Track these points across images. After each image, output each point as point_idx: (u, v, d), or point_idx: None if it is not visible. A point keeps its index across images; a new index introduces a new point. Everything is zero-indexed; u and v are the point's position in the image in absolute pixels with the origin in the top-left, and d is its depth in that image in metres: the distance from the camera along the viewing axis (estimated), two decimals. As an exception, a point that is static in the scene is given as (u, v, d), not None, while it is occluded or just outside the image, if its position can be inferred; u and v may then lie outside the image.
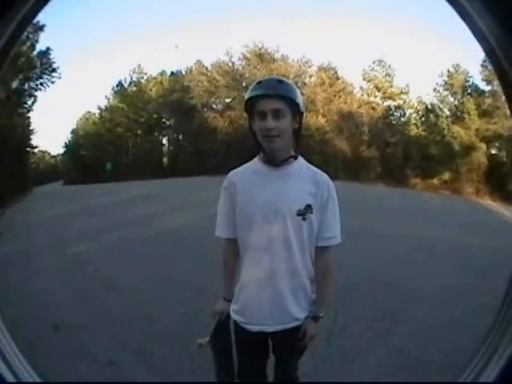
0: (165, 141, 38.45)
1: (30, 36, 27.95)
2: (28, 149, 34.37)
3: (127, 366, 4.00)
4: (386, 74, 28.35)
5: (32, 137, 34.00)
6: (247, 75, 33.08)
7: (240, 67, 34.33)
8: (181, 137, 37.44)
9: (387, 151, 26.96)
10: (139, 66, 37.58)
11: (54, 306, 5.60)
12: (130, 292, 6.15)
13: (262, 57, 33.03)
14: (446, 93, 26.60)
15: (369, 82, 28.87)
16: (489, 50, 1.03)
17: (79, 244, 9.49)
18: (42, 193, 30.55)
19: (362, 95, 30.40)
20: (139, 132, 36.95)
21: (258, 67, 32.86)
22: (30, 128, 33.18)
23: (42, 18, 28.39)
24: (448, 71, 26.29)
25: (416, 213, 14.40)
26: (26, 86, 30.59)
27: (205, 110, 34.37)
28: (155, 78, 37.46)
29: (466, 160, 23.64)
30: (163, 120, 37.21)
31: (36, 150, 38.75)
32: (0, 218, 16.45)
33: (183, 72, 37.39)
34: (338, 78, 31.68)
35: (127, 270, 6.93)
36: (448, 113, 26.67)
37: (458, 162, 23.64)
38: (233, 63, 34.15)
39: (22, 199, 25.14)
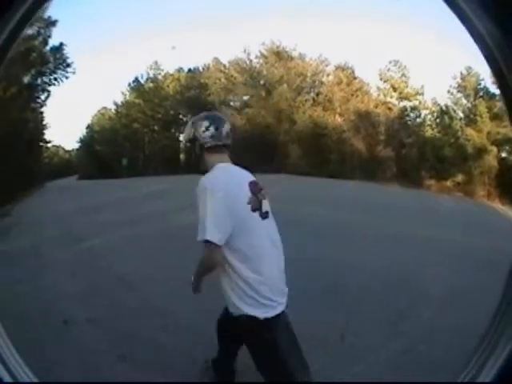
0: (181, 137, 37.40)
1: (42, 31, 28.11)
2: (41, 143, 34.65)
3: (138, 361, 4.11)
4: (402, 75, 28.62)
5: (45, 132, 34.35)
6: (265, 73, 33.78)
7: (258, 65, 34.27)
8: None
9: (403, 152, 27.15)
10: (156, 62, 37.95)
11: (65, 301, 5.73)
12: (142, 287, 6.31)
13: (279, 55, 33.26)
14: (459, 95, 26.68)
15: (385, 82, 29.02)
16: (487, 52, 1.08)
17: (92, 239, 9.62)
18: (55, 187, 31.03)
19: (379, 95, 30.12)
20: (156, 128, 37.39)
21: (275, 65, 33.05)
22: (43, 123, 33.27)
23: (57, 12, 28.44)
24: (461, 73, 26.33)
25: (430, 214, 14.28)
26: (39, 81, 30.64)
27: (222, 107, 34.09)
28: (172, 75, 37.82)
29: (478, 163, 23.81)
30: (180, 116, 37.41)
31: (49, 145, 39.05)
32: (11, 212, 16.63)
33: (200, 69, 37.51)
34: (355, 78, 31.87)
35: (140, 265, 7.07)
36: (461, 115, 26.78)
37: (471, 164, 23.86)
38: (250, 61, 34.39)
39: (34, 194, 25.44)
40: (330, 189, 20.32)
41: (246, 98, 34.76)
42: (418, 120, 29.01)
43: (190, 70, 38.19)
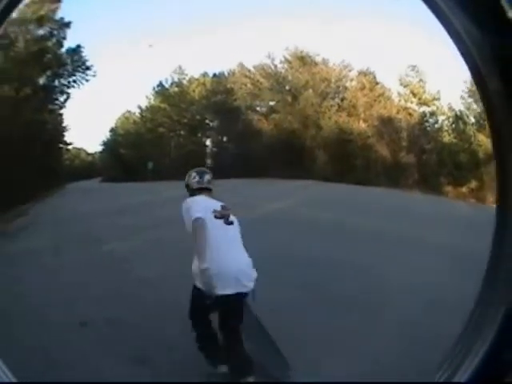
0: (208, 142, 39.23)
1: (55, 32, 28.64)
2: (61, 145, 35.51)
3: (158, 363, 4.39)
4: (420, 80, 29.28)
5: (66, 134, 34.85)
6: (290, 78, 34.63)
7: (282, 70, 35.14)
8: (224, 138, 38.56)
9: (423, 158, 27.80)
10: (180, 66, 38.54)
11: (82, 302, 6.08)
12: (164, 290, 6.69)
13: (303, 60, 34.03)
14: (470, 100, 27.13)
15: (405, 87, 29.65)
16: (464, 50, 1.15)
17: (112, 241, 9.98)
18: (76, 189, 32.22)
19: (400, 100, 30.49)
20: (182, 133, 38.17)
21: (300, 70, 33.71)
22: (63, 125, 33.78)
23: (77, 14, 29.35)
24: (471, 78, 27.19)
25: (453, 222, 14.32)
26: (57, 83, 31.01)
27: (249, 112, 35.73)
28: (197, 79, 38.54)
29: (489, 169, 23.55)
30: (206, 121, 38.32)
31: (70, 147, 39.35)
32: (28, 211, 17.50)
33: (225, 74, 38.06)
34: (376, 83, 32.04)
35: (162, 269, 7.45)
36: (473, 120, 27.24)
37: (483, 170, 24.24)
38: (275, 66, 35.24)
39: (54, 194, 26.63)
40: (355, 195, 21.06)
41: (272, 103, 35.42)
42: (436, 126, 29.50)
43: (215, 74, 38.74)
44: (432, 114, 29.22)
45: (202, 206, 4.40)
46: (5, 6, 1.21)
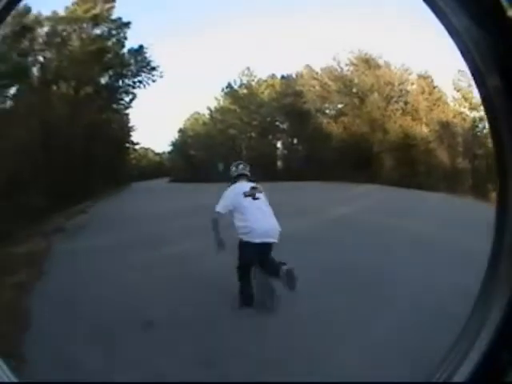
0: (279, 144, 40.58)
1: (113, 32, 30.28)
2: (127, 145, 38.16)
3: (225, 367, 4.49)
4: (469, 85, 29.10)
5: (132, 133, 37.54)
6: (356, 81, 35.64)
7: (348, 73, 36.07)
8: (295, 141, 39.95)
9: (475, 163, 28.84)
10: (248, 68, 40.12)
11: (145, 303, 6.28)
12: (233, 295, 6.81)
13: (368, 62, 35.00)
14: None
15: (457, 91, 30.45)
16: (463, 48, 1.21)
17: (181, 243, 10.34)
18: (142, 188, 34.48)
19: (455, 105, 31.31)
20: (253, 135, 39.66)
21: (365, 73, 34.65)
22: (129, 125, 36.64)
23: (147, 17, 33.24)
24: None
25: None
26: (120, 83, 32.62)
27: (318, 114, 36.95)
28: (266, 81, 40.26)
29: None
30: (276, 123, 39.78)
31: (137, 147, 42.17)
32: (88, 209, 18.45)
33: (293, 76, 39.49)
34: (434, 87, 33.01)
35: (231, 272, 7.37)
36: None
37: None
38: (341, 69, 36.32)
39: (119, 193, 28.45)
40: (418, 201, 21.72)
41: (340, 105, 36.53)
42: (484, 131, 28.80)
43: (283, 76, 40.33)
44: (481, 119, 29.08)
45: (230, 197, 7.49)
46: (4, 5, 1.34)
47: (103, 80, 31.79)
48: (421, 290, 6.90)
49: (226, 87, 40.98)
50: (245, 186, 7.68)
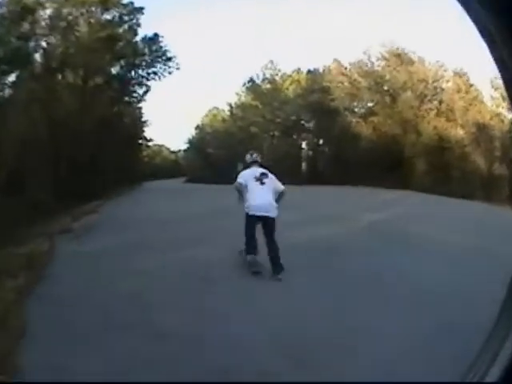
0: (304, 144, 39.60)
1: (125, 18, 29.59)
2: (140, 141, 37.16)
3: (242, 374, 4.31)
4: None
5: (146, 129, 36.59)
6: (388, 77, 35.01)
7: (379, 68, 35.38)
8: (321, 141, 38.88)
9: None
10: (272, 61, 39.44)
11: (155, 311, 6.01)
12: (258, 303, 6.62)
13: (400, 57, 34.24)
14: None
15: (496, 90, 29.10)
16: (497, 56, 1.19)
17: (193, 247, 10.08)
18: (155, 188, 33.66)
19: (492, 105, 30.46)
20: (276, 133, 38.69)
21: (397, 69, 33.89)
22: (142, 119, 35.94)
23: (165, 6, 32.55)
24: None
25: None
26: (133, 74, 32.25)
27: (346, 113, 35.89)
28: (291, 76, 39.40)
29: None
30: (302, 122, 38.63)
31: (151, 144, 41.94)
32: (98, 209, 17.72)
33: (320, 70, 38.69)
34: (471, 85, 32.44)
35: (250, 279, 7.64)
36: None
37: None
38: (372, 63, 35.73)
39: (130, 193, 27.18)
40: (452, 209, 20.67)
41: (370, 104, 36.14)
42: None
43: (309, 71, 39.41)
44: (517, 121, 29.57)
45: (246, 175, 8.71)
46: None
47: (114, 70, 31.04)
48: (447, 299, 6.56)
49: (248, 82, 40.64)
50: (254, 171, 8.95)
